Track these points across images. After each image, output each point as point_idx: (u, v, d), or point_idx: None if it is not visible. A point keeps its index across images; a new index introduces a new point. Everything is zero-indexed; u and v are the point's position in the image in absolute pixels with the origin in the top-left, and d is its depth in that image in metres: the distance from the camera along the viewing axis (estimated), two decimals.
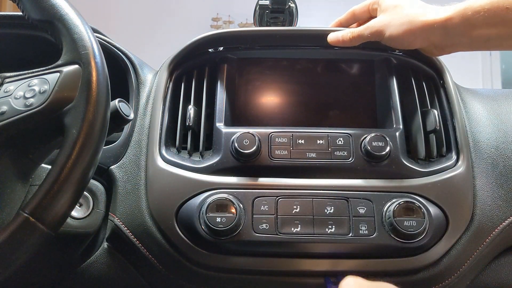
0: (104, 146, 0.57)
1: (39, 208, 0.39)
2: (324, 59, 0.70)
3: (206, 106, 0.64)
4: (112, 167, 0.62)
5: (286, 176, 0.58)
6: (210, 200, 0.54)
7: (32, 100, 0.43)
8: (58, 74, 0.44)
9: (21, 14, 0.49)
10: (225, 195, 0.55)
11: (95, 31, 0.61)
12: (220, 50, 0.69)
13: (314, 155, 0.58)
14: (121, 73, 0.68)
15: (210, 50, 0.69)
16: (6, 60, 0.73)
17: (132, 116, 0.52)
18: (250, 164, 0.58)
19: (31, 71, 0.46)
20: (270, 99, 0.68)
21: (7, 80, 0.46)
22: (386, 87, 0.65)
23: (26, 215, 0.38)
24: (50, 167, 0.41)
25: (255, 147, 0.57)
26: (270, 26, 0.75)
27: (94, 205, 0.60)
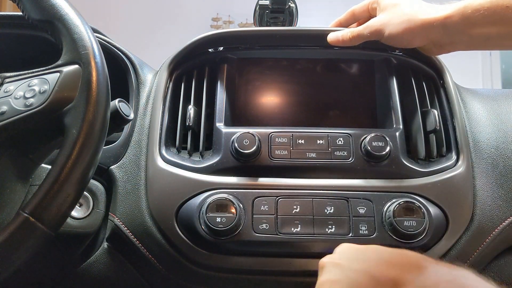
0: (104, 146, 0.57)
1: (39, 208, 0.39)
2: (324, 59, 0.70)
3: (206, 106, 0.64)
4: (112, 167, 0.62)
5: (286, 176, 0.58)
6: (210, 200, 0.54)
7: (32, 100, 0.43)
8: (58, 74, 0.44)
9: (21, 14, 0.49)
10: (225, 195, 0.55)
11: (95, 31, 0.61)
12: (220, 50, 0.69)
13: (314, 155, 0.58)
14: (121, 73, 0.68)
15: (210, 50, 0.69)
16: (6, 60, 0.73)
17: (132, 116, 0.52)
18: (250, 164, 0.58)
19: (31, 71, 0.46)
20: (270, 99, 0.68)
21: (7, 80, 0.46)
22: (386, 87, 0.65)
23: (26, 215, 0.38)
24: (50, 167, 0.41)
25: (255, 147, 0.57)
26: (270, 26, 0.75)
27: (94, 205, 0.60)
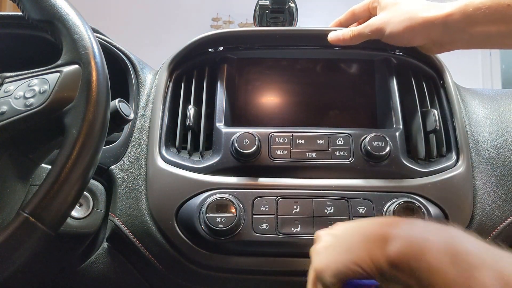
0: (104, 146, 0.57)
1: (39, 208, 0.39)
2: (324, 59, 0.70)
3: (206, 106, 0.64)
4: (112, 167, 0.62)
5: (286, 176, 0.58)
6: (210, 200, 0.54)
7: (32, 100, 0.43)
8: (58, 74, 0.44)
9: (21, 14, 0.49)
10: (225, 195, 0.55)
11: (95, 31, 0.61)
12: (220, 50, 0.69)
13: (314, 155, 0.58)
14: (121, 73, 0.68)
15: (210, 50, 0.69)
16: (6, 60, 0.73)
17: (132, 116, 0.52)
18: (250, 164, 0.58)
19: (31, 71, 0.46)
20: (270, 99, 0.68)
21: (7, 80, 0.46)
22: (386, 87, 0.65)
23: (26, 215, 0.38)
24: (50, 167, 0.41)
25: (255, 147, 0.57)
26: (270, 26, 0.75)
27: (94, 205, 0.60)
